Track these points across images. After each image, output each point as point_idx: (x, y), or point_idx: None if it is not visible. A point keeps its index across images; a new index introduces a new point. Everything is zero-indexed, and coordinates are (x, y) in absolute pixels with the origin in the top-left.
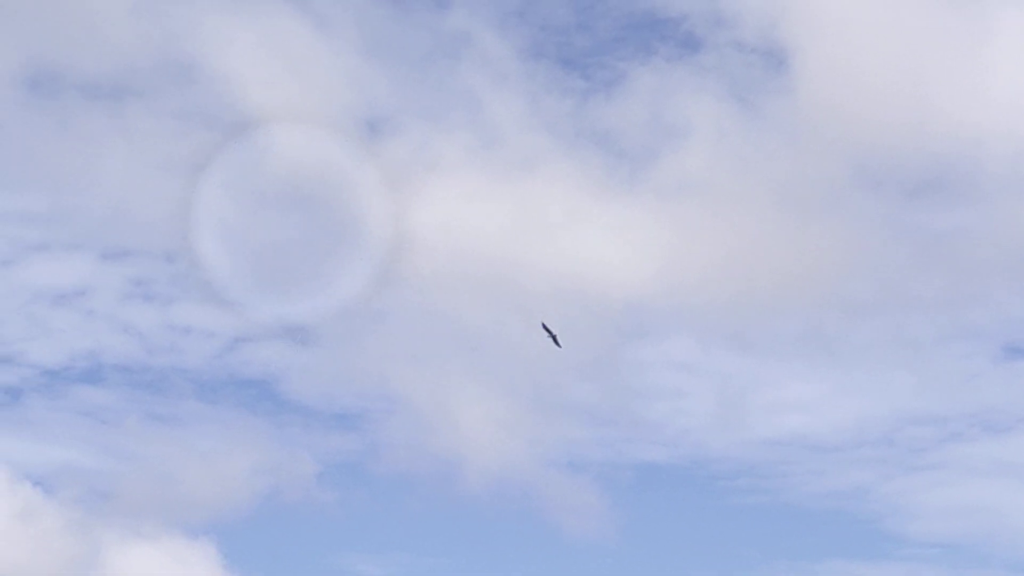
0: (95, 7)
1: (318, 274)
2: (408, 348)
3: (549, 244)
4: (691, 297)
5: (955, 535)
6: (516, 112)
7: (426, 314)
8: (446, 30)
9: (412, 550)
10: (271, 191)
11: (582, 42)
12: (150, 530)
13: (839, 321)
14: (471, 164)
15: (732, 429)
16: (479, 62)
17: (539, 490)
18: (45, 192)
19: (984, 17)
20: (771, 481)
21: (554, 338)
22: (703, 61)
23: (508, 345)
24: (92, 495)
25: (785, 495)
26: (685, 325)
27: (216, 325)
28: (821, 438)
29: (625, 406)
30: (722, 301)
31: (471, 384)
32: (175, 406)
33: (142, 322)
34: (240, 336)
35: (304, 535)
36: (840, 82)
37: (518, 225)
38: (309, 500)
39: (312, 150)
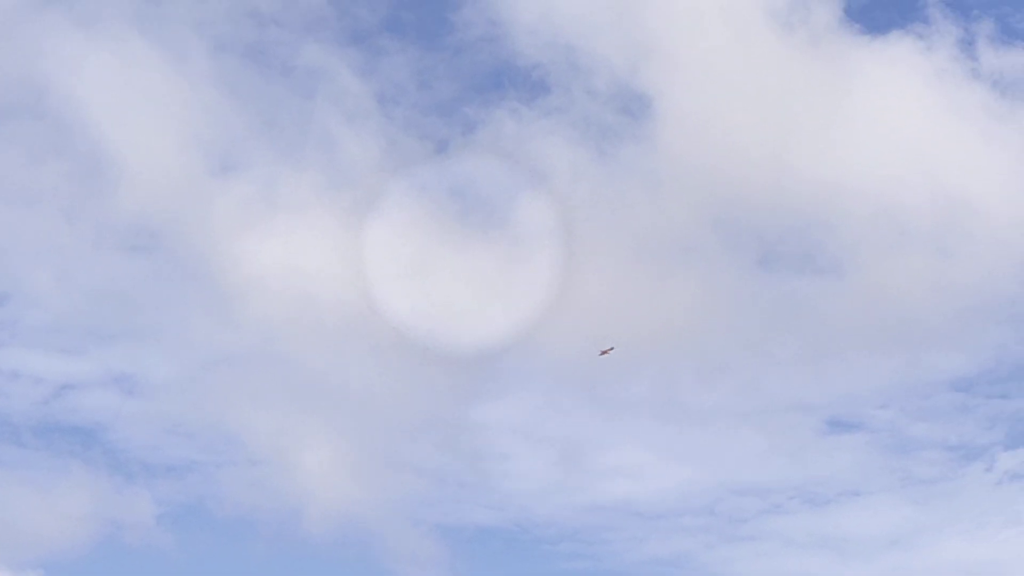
0: None
1: (156, 319)
2: (249, 394)
3: (399, 290)
4: (542, 350)
5: None
6: (371, 154)
7: (269, 359)
8: (303, 67)
9: None
10: (113, 229)
11: (442, 87)
12: None
13: (684, 381)
14: (321, 205)
15: (560, 493)
16: (335, 101)
17: (379, 540)
18: None
19: (845, 77)
20: (593, 547)
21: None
22: (561, 109)
23: (353, 393)
24: None
25: (607, 561)
26: (533, 379)
27: (43, 371)
28: (646, 504)
29: (462, 465)
30: (573, 354)
31: (314, 431)
32: None
33: None
34: (68, 383)
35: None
36: (699, 134)
37: (368, 270)
38: (148, 543)
39: (159, 187)
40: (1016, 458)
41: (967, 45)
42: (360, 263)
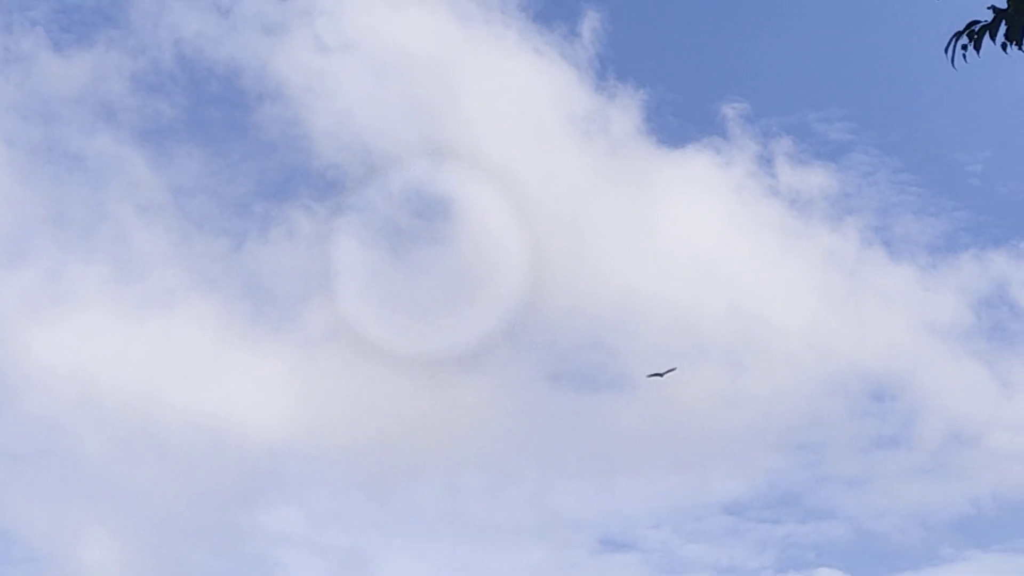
0: None
1: None
2: (25, 491)
3: (187, 388)
4: (329, 453)
5: None
6: (163, 248)
7: (48, 455)
8: (96, 157)
9: None
10: None
11: (239, 184)
12: None
13: (470, 492)
14: (109, 298)
15: None
16: (128, 194)
17: None
18: None
19: (643, 188)
20: None
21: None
22: (357, 210)
23: (134, 491)
24: None
25: None
26: (318, 484)
27: None
28: None
29: (237, 572)
30: (361, 458)
31: (92, 530)
32: None
33: None
34: None
35: None
36: (496, 240)
37: (155, 365)
38: None
39: None
40: None
41: (765, 162)
42: (147, 359)
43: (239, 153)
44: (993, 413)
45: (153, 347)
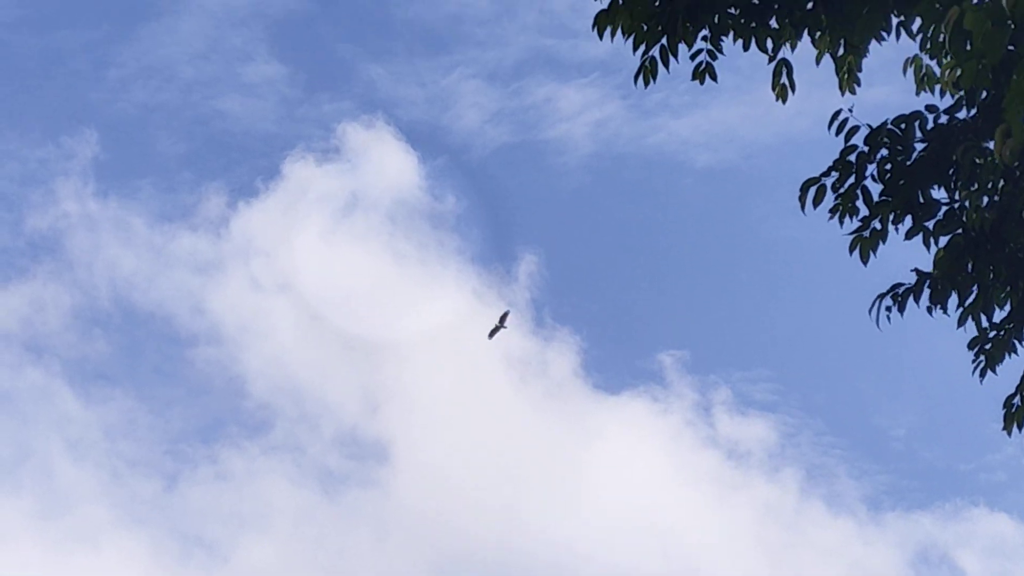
0: None
1: None
2: None
3: None
4: None
5: None
6: (91, 485)
7: None
8: (25, 392)
9: None
10: None
11: (171, 423)
12: None
13: None
14: (33, 532)
15: None
16: (57, 429)
17: None
18: None
19: (579, 433)
20: None
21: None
22: (288, 450)
23: None
24: None
25: None
26: None
27: None
28: None
29: None
30: None
31: None
32: None
33: None
34: None
35: None
36: (431, 484)
37: None
38: None
39: None
40: None
41: (703, 411)
42: None
43: (171, 392)
44: None
45: None
